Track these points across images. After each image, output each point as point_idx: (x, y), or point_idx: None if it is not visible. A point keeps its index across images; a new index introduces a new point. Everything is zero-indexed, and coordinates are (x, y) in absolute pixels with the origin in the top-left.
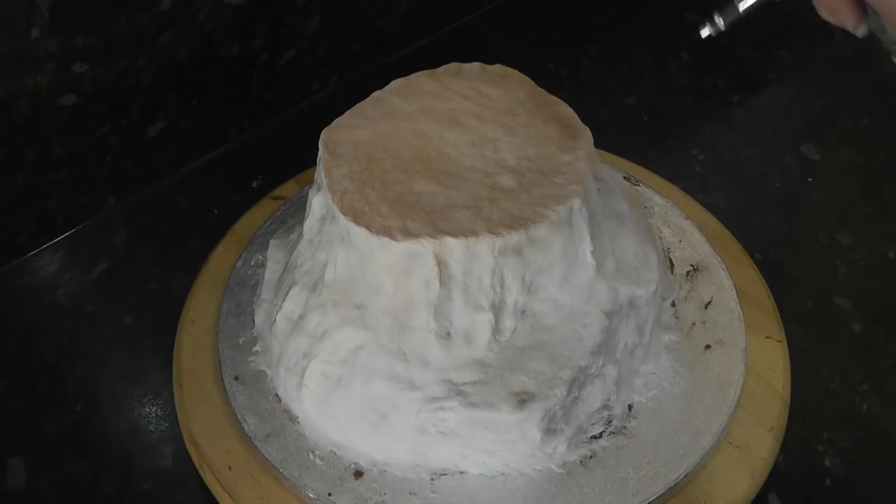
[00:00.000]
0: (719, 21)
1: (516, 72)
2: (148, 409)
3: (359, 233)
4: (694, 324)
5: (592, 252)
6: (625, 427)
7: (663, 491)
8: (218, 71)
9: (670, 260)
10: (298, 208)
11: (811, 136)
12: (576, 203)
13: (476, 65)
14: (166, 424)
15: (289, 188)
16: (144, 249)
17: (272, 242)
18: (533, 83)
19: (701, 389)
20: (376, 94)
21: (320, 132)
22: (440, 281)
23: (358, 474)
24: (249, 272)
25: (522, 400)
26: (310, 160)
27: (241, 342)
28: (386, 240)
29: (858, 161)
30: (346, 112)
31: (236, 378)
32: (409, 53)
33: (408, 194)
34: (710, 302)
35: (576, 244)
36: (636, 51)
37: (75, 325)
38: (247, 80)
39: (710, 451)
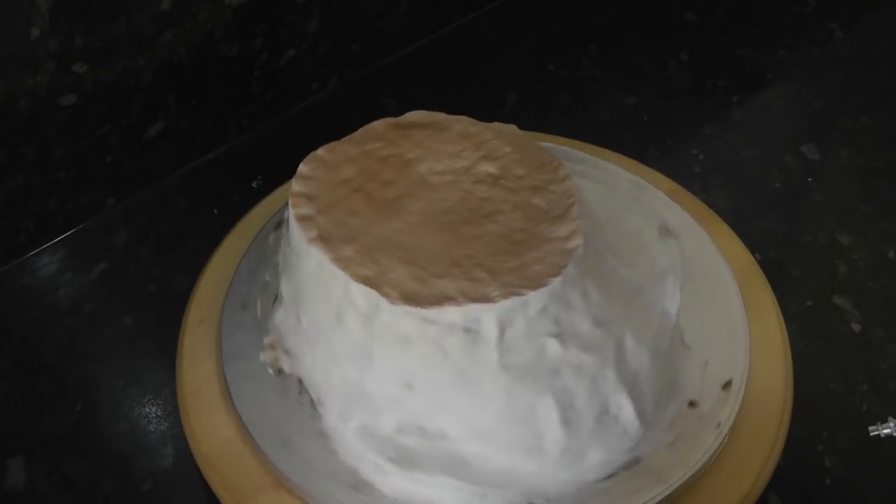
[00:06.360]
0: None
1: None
2: (148, 409)
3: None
4: None
5: None
6: None
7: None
8: (218, 71)
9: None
10: None
11: (811, 136)
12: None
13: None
14: (166, 424)
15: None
16: (144, 249)
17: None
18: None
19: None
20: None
21: (320, 132)
22: None
23: None
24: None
25: None
26: None
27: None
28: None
29: (858, 161)
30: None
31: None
32: (409, 53)
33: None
34: None
35: None
36: (636, 51)
37: (75, 325)
38: (247, 80)
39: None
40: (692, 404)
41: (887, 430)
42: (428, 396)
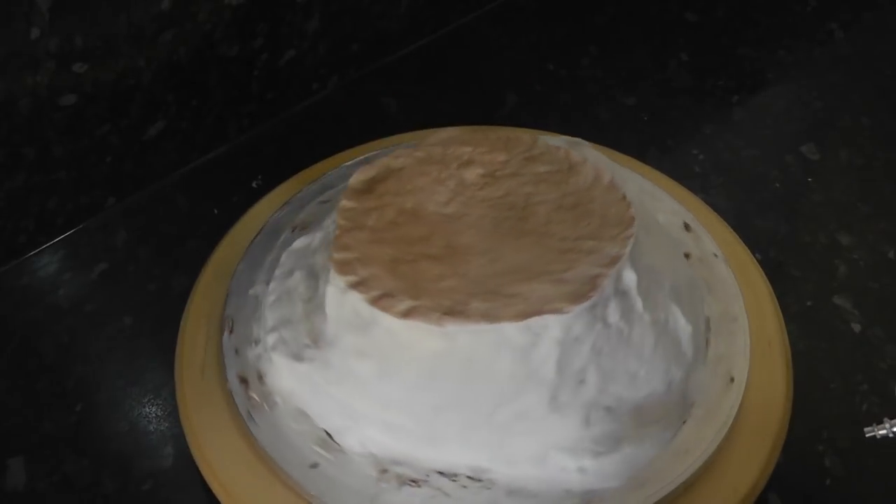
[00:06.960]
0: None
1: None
2: (148, 409)
3: None
4: None
5: None
6: None
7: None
8: (218, 71)
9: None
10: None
11: (811, 136)
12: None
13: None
14: (166, 424)
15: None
16: (144, 249)
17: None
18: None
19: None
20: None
21: (320, 132)
22: None
23: None
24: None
25: None
26: (310, 160)
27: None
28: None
29: (858, 161)
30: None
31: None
32: (409, 53)
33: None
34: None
35: None
36: (636, 51)
37: (75, 325)
38: (247, 80)
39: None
40: (687, 256)
41: (882, 432)
42: (600, 377)
